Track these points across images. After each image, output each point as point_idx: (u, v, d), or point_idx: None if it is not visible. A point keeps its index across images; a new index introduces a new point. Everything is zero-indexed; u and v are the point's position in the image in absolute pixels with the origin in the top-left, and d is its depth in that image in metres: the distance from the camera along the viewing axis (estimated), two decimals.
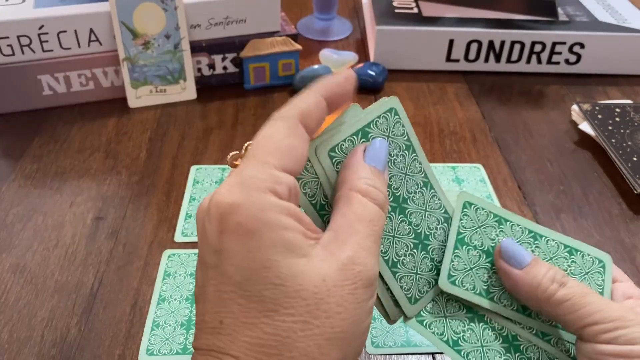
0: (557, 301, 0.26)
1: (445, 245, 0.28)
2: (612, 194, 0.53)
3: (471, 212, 0.29)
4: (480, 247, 0.29)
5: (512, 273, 0.27)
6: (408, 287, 0.27)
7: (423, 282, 0.27)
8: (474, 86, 0.70)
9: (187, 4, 0.60)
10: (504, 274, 0.28)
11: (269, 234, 0.21)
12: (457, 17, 0.73)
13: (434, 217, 0.28)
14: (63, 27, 0.58)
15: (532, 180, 0.55)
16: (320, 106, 0.25)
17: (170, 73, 0.62)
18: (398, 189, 0.27)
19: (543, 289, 0.26)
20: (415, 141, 0.28)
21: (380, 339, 0.39)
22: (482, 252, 0.29)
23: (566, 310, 0.26)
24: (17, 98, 0.60)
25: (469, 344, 0.27)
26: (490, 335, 0.28)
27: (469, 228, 0.29)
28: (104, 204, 0.50)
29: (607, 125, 0.59)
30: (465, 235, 0.29)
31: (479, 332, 0.28)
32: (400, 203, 0.27)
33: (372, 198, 0.24)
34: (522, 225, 0.30)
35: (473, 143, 0.60)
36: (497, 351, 0.27)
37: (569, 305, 0.26)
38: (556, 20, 0.73)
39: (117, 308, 0.41)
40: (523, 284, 0.27)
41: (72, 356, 0.38)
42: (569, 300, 0.26)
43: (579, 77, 0.72)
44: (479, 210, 0.29)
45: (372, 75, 0.67)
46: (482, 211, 0.29)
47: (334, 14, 0.81)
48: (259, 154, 0.23)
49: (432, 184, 0.28)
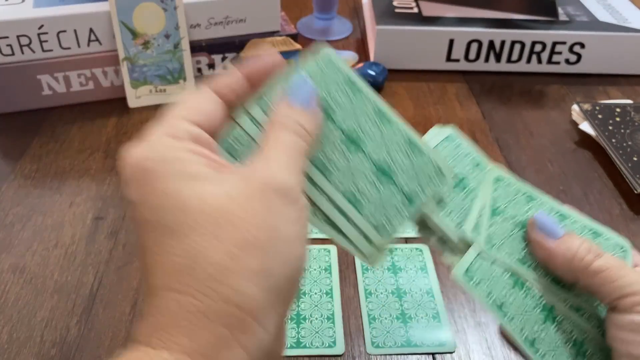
0: (593, 271, 0.26)
1: (411, 172, 0.28)
2: (613, 194, 0.53)
3: (502, 186, 0.31)
4: (513, 218, 0.30)
5: (547, 244, 0.28)
6: (375, 218, 0.27)
7: (393, 212, 0.27)
8: (474, 86, 0.70)
9: (186, 4, 0.60)
10: (539, 244, 0.28)
11: (166, 168, 0.23)
12: (457, 16, 0.73)
13: (396, 147, 0.28)
14: (63, 27, 0.58)
15: (532, 180, 0.55)
16: (237, 79, 0.26)
17: (170, 73, 0.62)
18: (350, 127, 0.27)
19: (579, 258, 0.27)
20: (358, 80, 0.27)
21: (380, 339, 0.39)
22: (516, 223, 0.30)
23: (603, 281, 0.26)
24: (16, 98, 0.60)
25: (513, 308, 0.28)
26: (530, 304, 0.28)
27: (502, 199, 0.30)
28: (104, 204, 0.50)
29: (608, 125, 0.59)
30: (499, 206, 0.30)
31: (520, 298, 0.28)
32: (355, 140, 0.27)
33: (291, 130, 0.25)
34: (549, 205, 0.31)
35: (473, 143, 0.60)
36: (536, 320, 0.28)
37: (605, 275, 0.26)
38: (556, 20, 0.73)
39: (116, 308, 0.41)
40: (558, 255, 0.27)
41: (71, 356, 0.38)
42: (605, 271, 0.26)
43: (579, 77, 0.72)
44: (509, 185, 0.31)
45: (372, 75, 0.67)
46: (512, 187, 0.31)
47: (334, 14, 0.80)
48: (166, 113, 0.25)
49: (388, 116, 0.28)
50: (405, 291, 0.43)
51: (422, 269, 0.45)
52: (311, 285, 0.43)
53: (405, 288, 0.43)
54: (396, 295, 0.43)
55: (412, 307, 0.42)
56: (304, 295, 0.42)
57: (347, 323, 0.40)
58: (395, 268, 0.45)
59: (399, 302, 0.42)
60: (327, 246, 0.46)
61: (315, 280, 0.43)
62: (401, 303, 0.42)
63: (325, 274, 0.44)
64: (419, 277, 0.44)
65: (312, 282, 0.43)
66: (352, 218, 0.27)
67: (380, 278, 0.44)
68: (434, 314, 0.41)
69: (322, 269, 0.44)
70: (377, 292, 0.43)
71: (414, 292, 0.43)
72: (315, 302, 0.42)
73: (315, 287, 0.43)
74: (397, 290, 0.43)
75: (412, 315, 0.41)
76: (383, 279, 0.44)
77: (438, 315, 0.41)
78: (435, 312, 0.41)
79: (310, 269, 0.44)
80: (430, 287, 0.43)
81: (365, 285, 0.43)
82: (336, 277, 0.44)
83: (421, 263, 0.45)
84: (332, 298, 0.42)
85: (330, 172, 0.27)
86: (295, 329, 0.40)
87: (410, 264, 0.45)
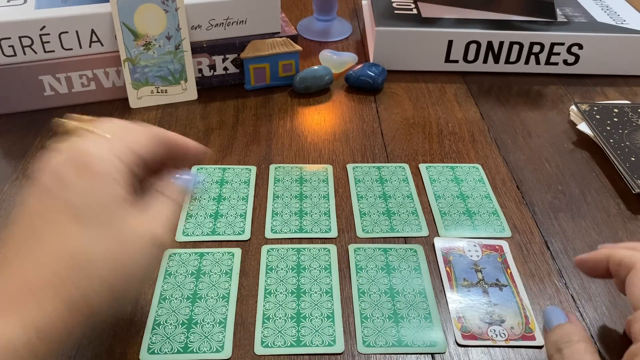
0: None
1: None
2: (610, 194, 0.54)
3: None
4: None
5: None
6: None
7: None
8: (473, 87, 0.70)
9: (187, 5, 0.60)
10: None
11: (105, 177, 0.30)
12: (456, 18, 0.73)
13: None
14: (64, 28, 0.58)
15: (530, 180, 0.55)
16: (158, 147, 0.35)
17: (171, 74, 0.63)
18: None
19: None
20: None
21: (371, 338, 0.40)
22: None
23: None
24: (18, 98, 0.61)
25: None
26: None
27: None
28: None
29: (605, 125, 0.60)
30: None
31: None
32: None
33: (166, 197, 0.34)
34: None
35: (472, 143, 0.60)
36: None
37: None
38: (555, 21, 0.73)
39: (118, 307, 0.42)
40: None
41: (73, 356, 0.38)
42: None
43: (577, 77, 0.72)
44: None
45: (372, 76, 0.67)
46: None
47: (334, 15, 0.81)
48: (124, 135, 0.33)
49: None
50: (398, 291, 0.43)
51: (416, 269, 0.45)
52: (311, 285, 0.43)
53: (399, 288, 0.43)
54: (389, 295, 0.43)
55: (404, 307, 0.42)
56: (304, 294, 0.43)
57: (347, 322, 0.41)
58: (389, 268, 0.45)
59: (391, 302, 0.42)
60: (327, 246, 0.47)
61: (315, 280, 0.44)
62: (394, 303, 0.42)
63: (325, 273, 0.44)
64: (413, 277, 0.44)
65: (312, 282, 0.44)
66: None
67: (374, 278, 0.44)
68: (426, 315, 0.41)
69: (322, 268, 0.45)
70: (370, 291, 0.43)
71: (407, 293, 0.43)
72: (315, 301, 0.42)
73: (315, 286, 0.43)
74: (390, 290, 0.43)
75: (404, 315, 0.41)
76: (376, 278, 0.44)
77: (430, 315, 0.41)
78: (427, 312, 0.42)
79: (310, 268, 0.45)
80: (423, 288, 0.43)
81: (358, 284, 0.44)
82: (336, 276, 0.44)
83: (415, 264, 0.45)
84: (331, 297, 0.42)
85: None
86: (296, 328, 0.40)
87: (404, 264, 0.45)
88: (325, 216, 0.50)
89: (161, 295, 0.42)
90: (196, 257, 0.45)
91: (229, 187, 0.53)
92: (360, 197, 0.52)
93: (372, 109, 0.65)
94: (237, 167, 0.55)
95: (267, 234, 0.48)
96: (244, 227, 0.48)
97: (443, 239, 0.48)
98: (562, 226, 0.50)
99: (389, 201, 0.52)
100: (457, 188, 0.54)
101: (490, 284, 0.44)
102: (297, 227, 0.49)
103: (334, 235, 0.48)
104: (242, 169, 0.55)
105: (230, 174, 0.54)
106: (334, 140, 0.60)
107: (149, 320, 0.40)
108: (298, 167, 0.56)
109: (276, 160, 0.57)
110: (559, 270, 0.46)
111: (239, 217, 0.49)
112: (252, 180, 0.54)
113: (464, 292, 0.43)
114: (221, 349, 0.39)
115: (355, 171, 0.55)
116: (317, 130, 0.61)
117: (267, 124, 0.62)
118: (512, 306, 0.42)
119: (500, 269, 0.45)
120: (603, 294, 0.44)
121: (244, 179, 0.54)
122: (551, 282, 0.44)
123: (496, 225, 0.50)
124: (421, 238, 0.48)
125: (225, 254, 0.46)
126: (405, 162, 0.57)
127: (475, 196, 0.53)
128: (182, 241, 0.47)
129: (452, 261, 0.46)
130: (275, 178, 0.54)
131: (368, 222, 0.49)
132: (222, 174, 0.54)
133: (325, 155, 0.58)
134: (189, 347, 0.39)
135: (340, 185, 0.54)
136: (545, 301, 0.43)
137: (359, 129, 0.61)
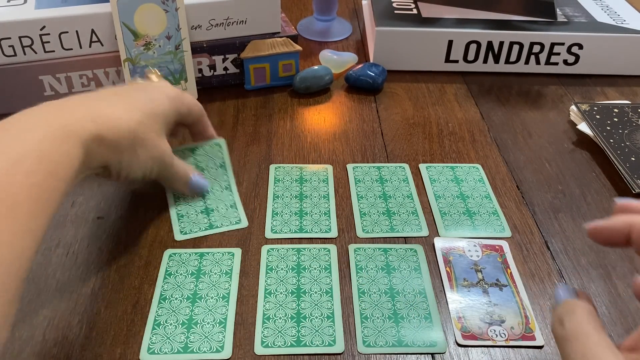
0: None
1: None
2: (611, 194, 0.54)
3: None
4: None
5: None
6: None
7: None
8: (473, 87, 0.70)
9: (188, 5, 0.60)
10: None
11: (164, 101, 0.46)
12: (456, 18, 0.73)
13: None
14: (64, 28, 0.58)
15: (530, 180, 0.55)
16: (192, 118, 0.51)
17: (171, 74, 0.63)
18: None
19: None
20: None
21: (371, 338, 0.40)
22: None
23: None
24: (18, 98, 0.61)
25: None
26: None
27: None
28: (105, 204, 0.50)
29: (606, 125, 0.60)
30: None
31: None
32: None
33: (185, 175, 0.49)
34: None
35: (472, 143, 0.60)
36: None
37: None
38: (555, 21, 0.73)
39: (118, 307, 0.42)
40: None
41: (73, 355, 0.38)
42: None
43: (577, 77, 0.72)
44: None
45: (372, 76, 0.67)
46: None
47: (334, 15, 0.81)
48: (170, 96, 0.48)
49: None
50: (398, 291, 0.43)
51: (416, 269, 0.45)
52: (311, 284, 0.43)
53: (399, 288, 0.43)
54: (389, 295, 0.43)
55: (404, 307, 0.42)
56: (304, 294, 0.43)
57: (347, 322, 0.41)
58: (389, 268, 0.45)
59: (391, 302, 0.42)
60: (327, 246, 0.47)
61: (316, 280, 0.44)
62: (394, 303, 0.42)
63: (325, 273, 0.44)
64: (413, 277, 0.44)
65: (312, 281, 0.44)
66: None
67: (374, 278, 0.44)
68: (426, 315, 0.41)
69: (322, 268, 0.45)
70: (370, 291, 0.43)
71: (407, 293, 0.43)
72: (315, 301, 0.42)
73: (315, 286, 0.43)
74: (390, 290, 0.43)
75: (404, 315, 0.41)
76: (376, 278, 0.44)
77: (430, 315, 0.41)
78: (427, 312, 0.42)
79: (310, 268, 0.45)
80: (423, 288, 0.43)
81: (358, 284, 0.43)
82: (336, 276, 0.44)
83: (415, 264, 0.45)
84: (331, 297, 0.42)
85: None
86: (296, 328, 0.40)
87: (404, 264, 0.45)
88: (325, 216, 0.50)
89: (161, 295, 0.42)
90: (196, 257, 0.45)
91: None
92: (361, 197, 0.52)
93: (372, 109, 0.65)
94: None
95: (267, 234, 0.48)
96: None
97: (443, 239, 0.48)
98: (562, 226, 0.50)
99: (389, 201, 0.52)
100: (457, 188, 0.54)
101: (490, 284, 0.44)
102: (297, 227, 0.49)
103: (334, 235, 0.48)
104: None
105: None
106: (334, 140, 0.60)
107: (149, 320, 0.40)
108: (298, 167, 0.56)
109: (276, 160, 0.57)
110: (559, 270, 0.46)
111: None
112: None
113: (464, 292, 0.43)
114: (221, 349, 0.39)
115: (355, 171, 0.55)
116: (317, 130, 0.61)
117: (267, 124, 0.62)
118: (512, 306, 0.42)
119: (500, 269, 0.45)
120: (603, 294, 0.44)
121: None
122: (551, 282, 0.44)
123: (496, 225, 0.50)
124: (421, 238, 0.48)
125: (225, 254, 0.46)
126: (405, 162, 0.57)
127: (475, 196, 0.53)
128: (181, 240, 0.47)
129: (452, 261, 0.46)
130: (275, 178, 0.54)
131: (368, 222, 0.49)
132: None
133: (325, 155, 0.58)
134: (189, 347, 0.39)
135: (340, 185, 0.54)
136: (545, 301, 0.43)
137: (359, 129, 0.61)
